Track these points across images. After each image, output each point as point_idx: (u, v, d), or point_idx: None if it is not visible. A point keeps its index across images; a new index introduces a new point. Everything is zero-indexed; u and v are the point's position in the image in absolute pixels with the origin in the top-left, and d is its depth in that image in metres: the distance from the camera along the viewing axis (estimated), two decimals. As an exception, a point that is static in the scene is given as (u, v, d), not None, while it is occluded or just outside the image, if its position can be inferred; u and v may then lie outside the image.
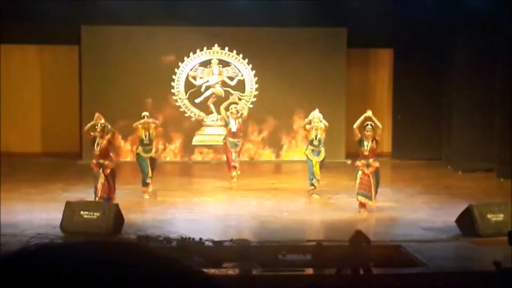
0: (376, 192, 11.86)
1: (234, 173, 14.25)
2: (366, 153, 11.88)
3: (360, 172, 11.93)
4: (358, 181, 11.93)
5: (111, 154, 12.50)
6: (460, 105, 16.63)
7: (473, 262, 8.92)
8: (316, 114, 13.21)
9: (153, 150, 13.53)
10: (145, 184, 13.19)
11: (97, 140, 12.08)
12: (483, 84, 16.14)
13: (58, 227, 9.84)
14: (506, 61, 15.20)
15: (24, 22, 16.60)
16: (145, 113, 13.51)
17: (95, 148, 12.09)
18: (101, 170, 11.94)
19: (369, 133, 11.93)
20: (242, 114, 14.53)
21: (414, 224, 10.73)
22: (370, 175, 11.81)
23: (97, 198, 11.79)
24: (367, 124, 12.00)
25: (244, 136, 15.34)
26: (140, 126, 13.29)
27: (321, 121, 13.18)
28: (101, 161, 12.02)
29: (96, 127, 12.18)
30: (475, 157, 16.22)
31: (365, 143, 11.93)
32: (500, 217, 9.88)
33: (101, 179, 11.87)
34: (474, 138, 16.27)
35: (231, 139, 14.23)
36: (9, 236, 9.44)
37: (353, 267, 8.13)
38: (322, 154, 13.22)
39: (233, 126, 14.27)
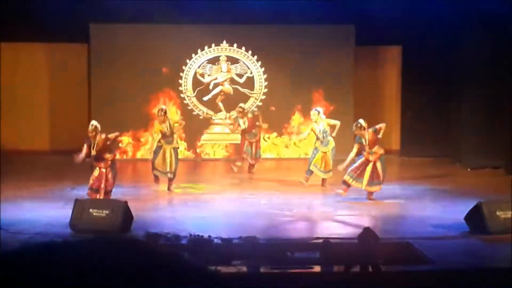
0: (383, 178, 12.31)
1: (239, 163, 15.46)
2: (367, 148, 12.28)
3: (362, 159, 12.34)
4: (356, 164, 12.32)
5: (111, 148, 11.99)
6: (469, 102, 16.60)
7: (482, 259, 8.90)
8: (317, 108, 14.03)
9: (176, 141, 13.41)
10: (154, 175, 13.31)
11: (92, 142, 11.57)
12: (491, 81, 16.10)
13: (67, 225, 9.86)
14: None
15: (33, 20, 16.59)
16: (163, 107, 13.73)
17: (92, 149, 11.54)
18: (101, 164, 11.60)
19: (361, 131, 12.32)
20: (248, 111, 15.71)
21: (423, 221, 10.71)
22: (375, 163, 12.23)
23: (99, 194, 11.53)
24: (357, 124, 12.47)
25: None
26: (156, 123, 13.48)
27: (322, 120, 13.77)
28: (101, 155, 11.59)
29: (90, 130, 11.60)
30: (483, 154, 16.19)
31: (363, 139, 12.25)
32: (509, 214, 9.86)
33: (96, 172, 11.54)
34: (483, 135, 16.24)
35: (247, 135, 15.18)
36: (18, 234, 9.47)
37: (362, 264, 8.13)
38: (332, 143, 13.68)
39: (243, 125, 15.18)
